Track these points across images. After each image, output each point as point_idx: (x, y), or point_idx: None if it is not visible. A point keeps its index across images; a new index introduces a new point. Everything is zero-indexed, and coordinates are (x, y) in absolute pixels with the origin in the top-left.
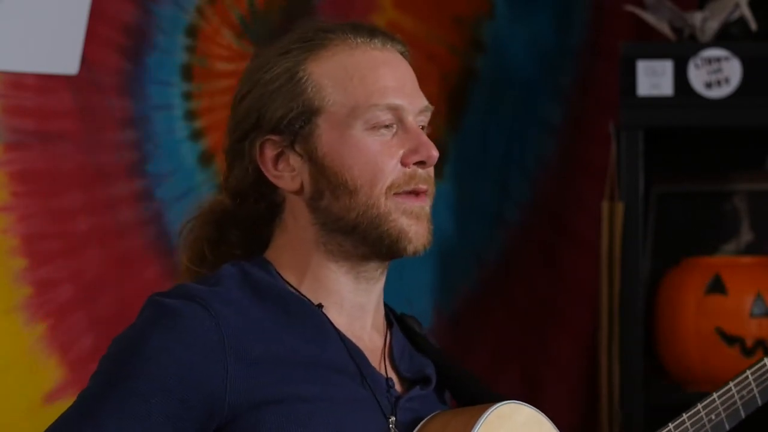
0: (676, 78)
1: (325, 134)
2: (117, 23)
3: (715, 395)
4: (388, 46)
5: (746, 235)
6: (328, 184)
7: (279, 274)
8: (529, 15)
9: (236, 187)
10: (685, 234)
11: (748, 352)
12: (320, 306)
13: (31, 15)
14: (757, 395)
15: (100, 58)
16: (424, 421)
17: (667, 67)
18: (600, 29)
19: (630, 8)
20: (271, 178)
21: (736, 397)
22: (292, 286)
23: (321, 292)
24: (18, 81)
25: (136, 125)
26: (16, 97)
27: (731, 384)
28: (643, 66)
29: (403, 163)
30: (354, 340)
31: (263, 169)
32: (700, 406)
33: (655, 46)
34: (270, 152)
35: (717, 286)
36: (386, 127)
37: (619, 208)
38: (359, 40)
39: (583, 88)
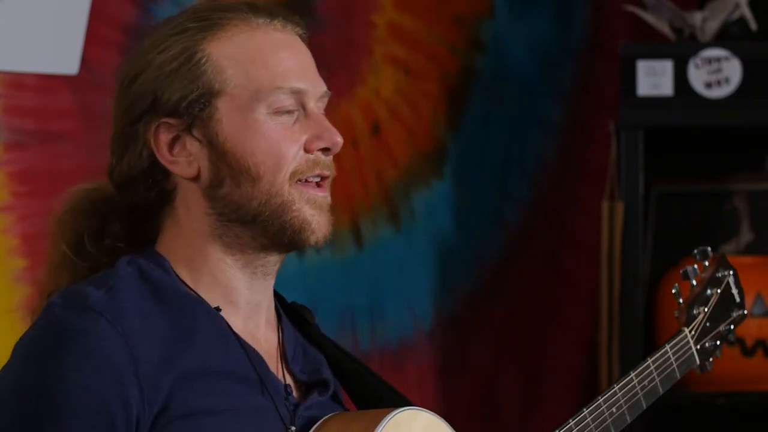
0: (676, 78)
1: (225, 118)
2: (117, 23)
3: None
4: (288, 27)
5: (746, 235)
6: (229, 171)
7: (174, 272)
8: (529, 15)
9: (127, 173)
10: (685, 234)
11: (748, 352)
12: (218, 309)
13: (31, 15)
14: (658, 384)
15: (100, 58)
16: (320, 422)
17: (667, 67)
18: (600, 29)
19: (630, 8)
20: (165, 164)
21: (638, 387)
22: (188, 286)
23: (217, 289)
24: (18, 81)
25: None
26: (16, 97)
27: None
28: (643, 66)
29: (307, 150)
30: (252, 343)
31: (157, 154)
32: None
33: (655, 46)
34: (165, 136)
35: None
36: (288, 112)
37: (619, 208)
38: (259, 21)
39: (583, 88)
